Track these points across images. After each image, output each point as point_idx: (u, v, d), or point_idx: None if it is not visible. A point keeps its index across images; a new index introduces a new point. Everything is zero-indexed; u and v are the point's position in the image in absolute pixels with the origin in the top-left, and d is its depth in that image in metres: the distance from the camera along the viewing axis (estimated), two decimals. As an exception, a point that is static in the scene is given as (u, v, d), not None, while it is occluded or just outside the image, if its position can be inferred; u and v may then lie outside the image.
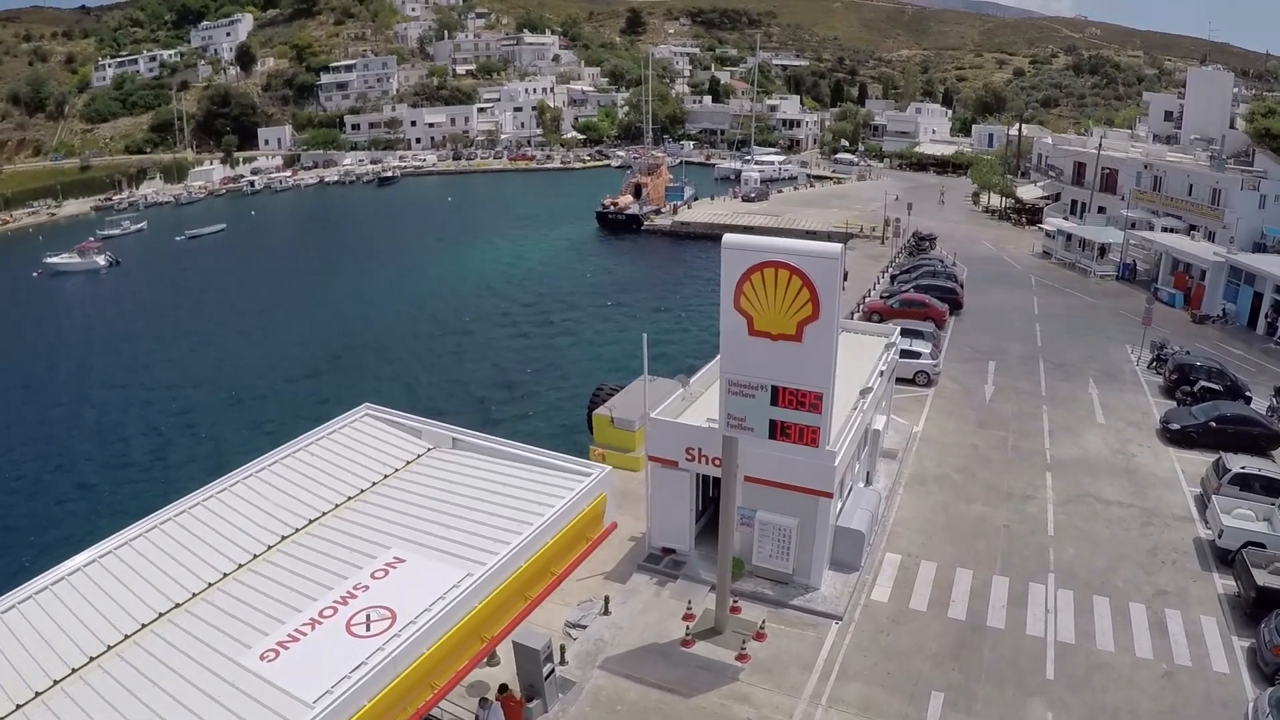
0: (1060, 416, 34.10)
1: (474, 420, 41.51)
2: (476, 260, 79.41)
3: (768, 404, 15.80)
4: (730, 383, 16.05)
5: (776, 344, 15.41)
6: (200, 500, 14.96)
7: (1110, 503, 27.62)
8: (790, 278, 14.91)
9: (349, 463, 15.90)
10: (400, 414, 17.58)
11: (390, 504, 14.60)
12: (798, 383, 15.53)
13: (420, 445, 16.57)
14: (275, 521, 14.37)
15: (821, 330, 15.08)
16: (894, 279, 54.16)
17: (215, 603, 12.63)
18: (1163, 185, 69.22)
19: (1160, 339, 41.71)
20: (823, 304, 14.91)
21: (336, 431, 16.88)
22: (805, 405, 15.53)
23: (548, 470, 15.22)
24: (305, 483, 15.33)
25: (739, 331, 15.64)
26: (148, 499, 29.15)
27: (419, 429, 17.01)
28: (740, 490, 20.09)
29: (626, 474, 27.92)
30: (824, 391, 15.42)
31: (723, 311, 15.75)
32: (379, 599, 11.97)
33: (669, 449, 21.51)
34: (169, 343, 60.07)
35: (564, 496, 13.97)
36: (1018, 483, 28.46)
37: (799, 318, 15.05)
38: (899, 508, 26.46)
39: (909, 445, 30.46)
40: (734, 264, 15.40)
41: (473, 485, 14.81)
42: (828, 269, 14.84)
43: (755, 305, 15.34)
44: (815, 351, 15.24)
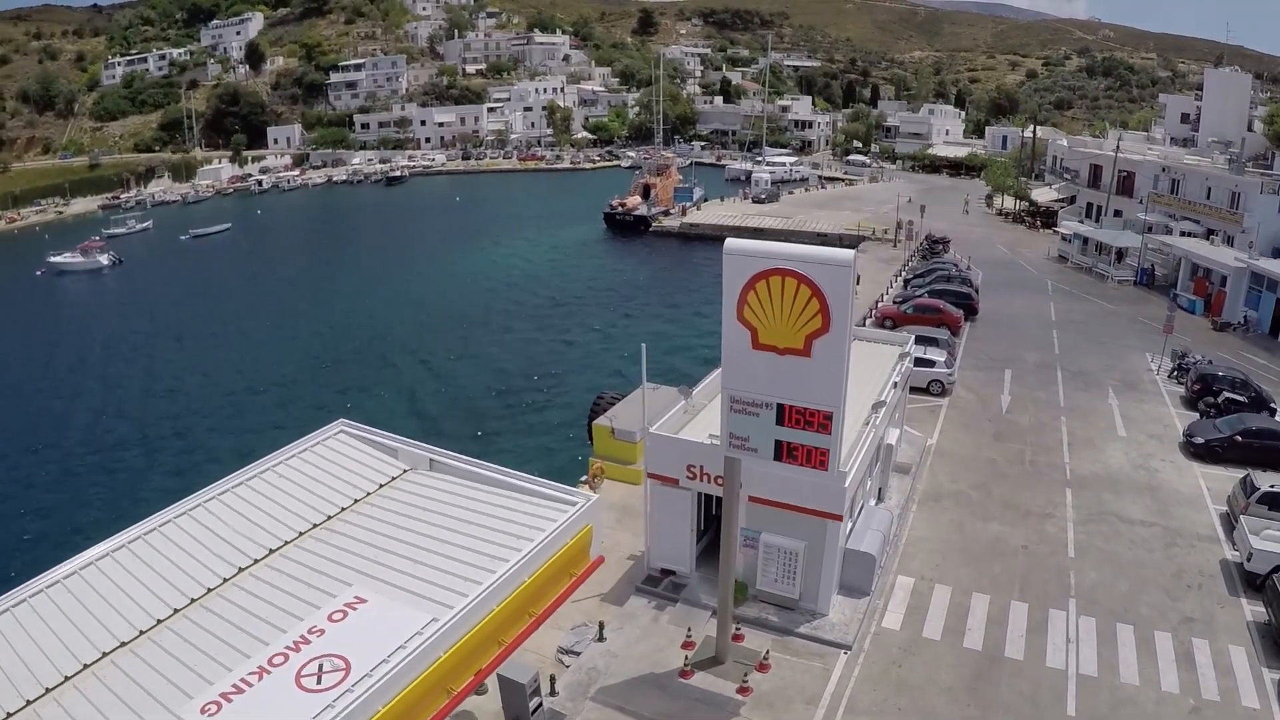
0: (1080, 428, 32.77)
1: (471, 427, 40.54)
2: (481, 262, 78.40)
3: (773, 423, 14.61)
4: (732, 399, 14.85)
5: (783, 359, 14.21)
6: (156, 526, 13.86)
7: (1133, 522, 26.30)
8: (798, 287, 13.71)
9: (318, 485, 14.77)
10: (376, 431, 16.43)
11: (357, 533, 13.45)
12: (806, 401, 14.32)
13: (395, 466, 15.42)
14: (234, 551, 13.25)
15: (832, 344, 13.87)
16: (907, 283, 52.86)
17: (162, 642, 11.52)
18: (1180, 188, 67.71)
19: (1182, 348, 40.33)
20: (834, 316, 13.70)
21: (308, 450, 15.75)
22: (814, 425, 14.33)
23: (529, 498, 14.02)
24: (270, 507, 14.20)
25: (742, 344, 14.44)
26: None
27: (395, 448, 15.87)
28: (744, 511, 18.90)
29: (627, 487, 26.83)
30: (834, 411, 14.22)
31: (725, 322, 14.56)
32: (334, 645, 10.80)
33: (669, 466, 20.29)
34: (161, 346, 59.13)
35: (545, 529, 12.75)
36: (1036, 500, 27.16)
37: (807, 330, 13.85)
38: (912, 526, 25.19)
39: (923, 459, 29.18)
40: (737, 271, 14.20)
41: (446, 514, 13.64)
42: (839, 277, 13.63)
43: (760, 316, 14.13)
44: (825, 368, 14.02)
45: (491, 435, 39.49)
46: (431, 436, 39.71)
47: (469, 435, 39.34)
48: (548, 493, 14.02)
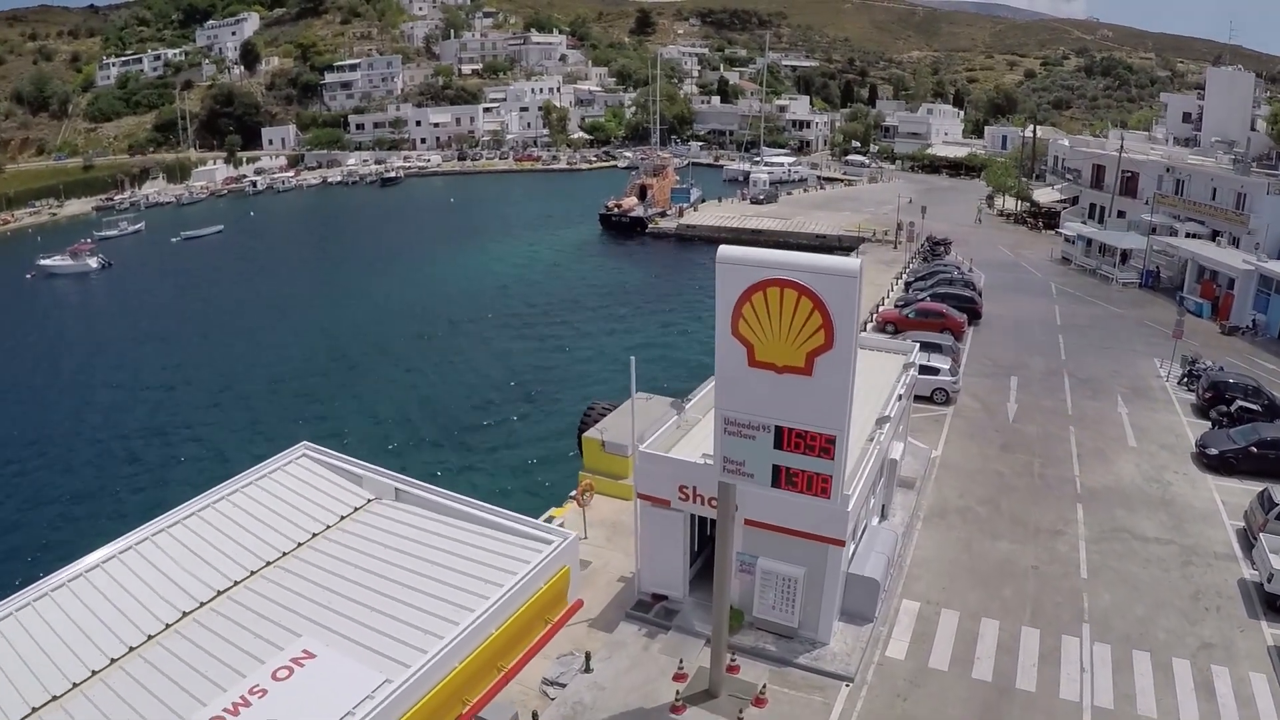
0: (1089, 439, 31.62)
1: (458, 438, 39.20)
2: (473, 265, 77.06)
3: (770, 446, 13.44)
4: (727, 421, 13.69)
5: (782, 377, 13.03)
6: (99, 563, 12.67)
7: (1147, 539, 25.15)
8: (799, 299, 12.53)
9: (274, 516, 13.60)
10: (340, 457, 15.27)
11: (313, 573, 12.29)
12: (807, 423, 13.16)
13: (359, 496, 14.26)
14: (178, 592, 12.08)
15: (836, 362, 12.70)
16: (908, 286, 51.69)
17: (97, 699, 10.33)
18: (1185, 189, 66.62)
19: (1192, 353, 39.21)
20: (838, 331, 12.52)
21: (266, 477, 14.59)
22: (815, 450, 13.18)
23: (501, 535, 12.84)
24: (221, 541, 13.04)
25: (737, 362, 13.26)
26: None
27: (359, 475, 14.70)
28: (740, 535, 17.75)
29: (618, 503, 25.64)
30: (838, 434, 13.06)
31: (718, 338, 13.38)
32: (276, 709, 9.63)
33: (660, 486, 19.07)
34: (137, 354, 57.45)
35: (517, 572, 11.57)
36: (1046, 516, 26.00)
37: (809, 347, 12.67)
38: (917, 545, 24.02)
39: (928, 472, 28.01)
40: (731, 282, 13.02)
41: (410, 552, 12.46)
42: (844, 289, 12.45)
43: (757, 331, 12.96)
44: (828, 387, 12.85)
45: (478, 447, 38.25)
46: (416, 447, 38.69)
47: (455, 446, 38.16)
48: (521, 529, 12.84)
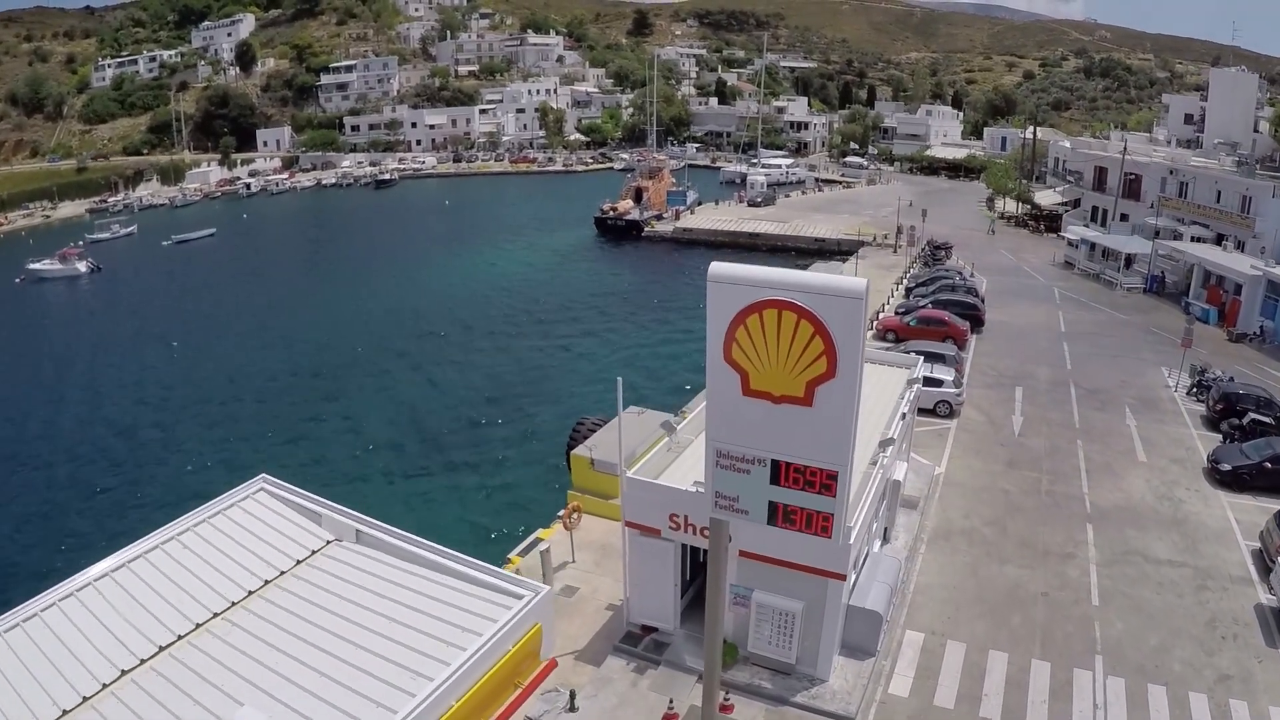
0: (1097, 453, 30.55)
1: (440, 453, 37.82)
2: (464, 270, 75.55)
3: (766, 481, 12.36)
4: (719, 453, 12.60)
5: (779, 408, 11.94)
6: (37, 611, 11.57)
7: (1160, 562, 24.08)
8: (798, 322, 11.43)
9: (226, 560, 12.54)
10: (299, 492, 14.19)
11: (262, 628, 11.23)
12: (806, 457, 12.08)
13: (317, 537, 13.19)
14: (118, 648, 11.02)
15: (839, 392, 11.60)
16: (909, 292, 50.63)
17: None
18: (1189, 191, 65.68)
19: (1201, 363, 38.18)
20: (841, 358, 11.42)
21: (221, 514, 13.53)
22: (815, 486, 12.10)
23: (467, 586, 11.77)
24: (168, 589, 11.97)
25: (730, 390, 12.17)
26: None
27: (319, 514, 13.63)
28: (734, 567, 16.67)
29: (608, 524, 24.50)
30: (840, 470, 11.98)
31: (709, 364, 12.28)
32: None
33: (649, 514, 17.93)
34: (116, 364, 55.51)
35: (483, 633, 10.51)
36: (1055, 537, 24.91)
37: (809, 375, 11.58)
38: (921, 570, 22.92)
39: (931, 491, 26.92)
40: (723, 302, 11.92)
41: (367, 606, 11.39)
42: (848, 312, 11.34)
43: (751, 357, 11.87)
44: (830, 419, 11.76)
45: (462, 462, 36.81)
46: (398, 462, 37.35)
47: (437, 462, 36.82)
48: (490, 580, 11.77)
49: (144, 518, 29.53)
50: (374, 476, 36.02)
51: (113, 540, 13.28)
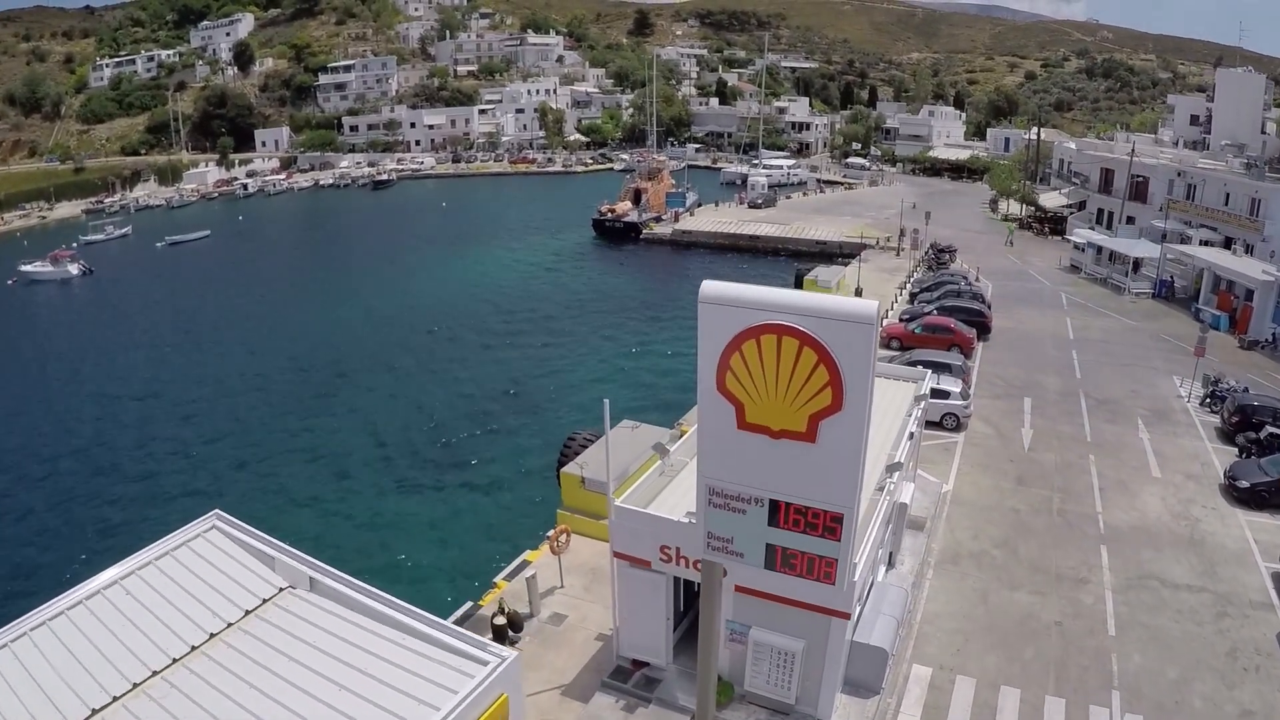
0: (1110, 469, 29.40)
1: (422, 468, 36.33)
2: (457, 275, 73.93)
3: (764, 523, 11.25)
4: (712, 491, 11.48)
5: (778, 444, 10.81)
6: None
7: (1178, 587, 22.95)
8: (800, 350, 10.29)
9: (168, 609, 11.41)
10: (253, 533, 13.03)
11: (202, 691, 10.05)
12: (809, 498, 10.95)
13: (269, 584, 12.06)
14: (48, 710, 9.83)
15: (845, 427, 10.46)
16: (913, 297, 49.47)
17: None
18: (1196, 194, 64.57)
19: (1214, 373, 37.00)
20: (849, 390, 10.27)
21: (168, 555, 12.39)
22: (818, 529, 10.98)
23: (427, 649, 10.61)
24: (106, 641, 10.85)
25: (724, 422, 11.04)
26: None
27: (272, 558, 12.48)
28: (730, 602, 15.54)
29: (599, 546, 23.36)
30: (846, 512, 10.86)
31: (701, 394, 11.15)
32: None
33: (639, 546, 16.74)
34: (96, 372, 53.44)
35: (441, 707, 9.35)
36: (1068, 560, 23.77)
37: (812, 408, 10.44)
38: (928, 597, 21.77)
39: (938, 510, 25.75)
40: (716, 326, 10.78)
41: (316, 669, 10.23)
42: (857, 339, 10.20)
43: (748, 388, 10.74)
44: (835, 456, 10.63)
45: (447, 477, 35.35)
46: (378, 475, 35.79)
47: (421, 477, 35.25)
48: (452, 643, 10.62)
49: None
50: (358, 491, 34.76)
51: (50, 589, 12.11)
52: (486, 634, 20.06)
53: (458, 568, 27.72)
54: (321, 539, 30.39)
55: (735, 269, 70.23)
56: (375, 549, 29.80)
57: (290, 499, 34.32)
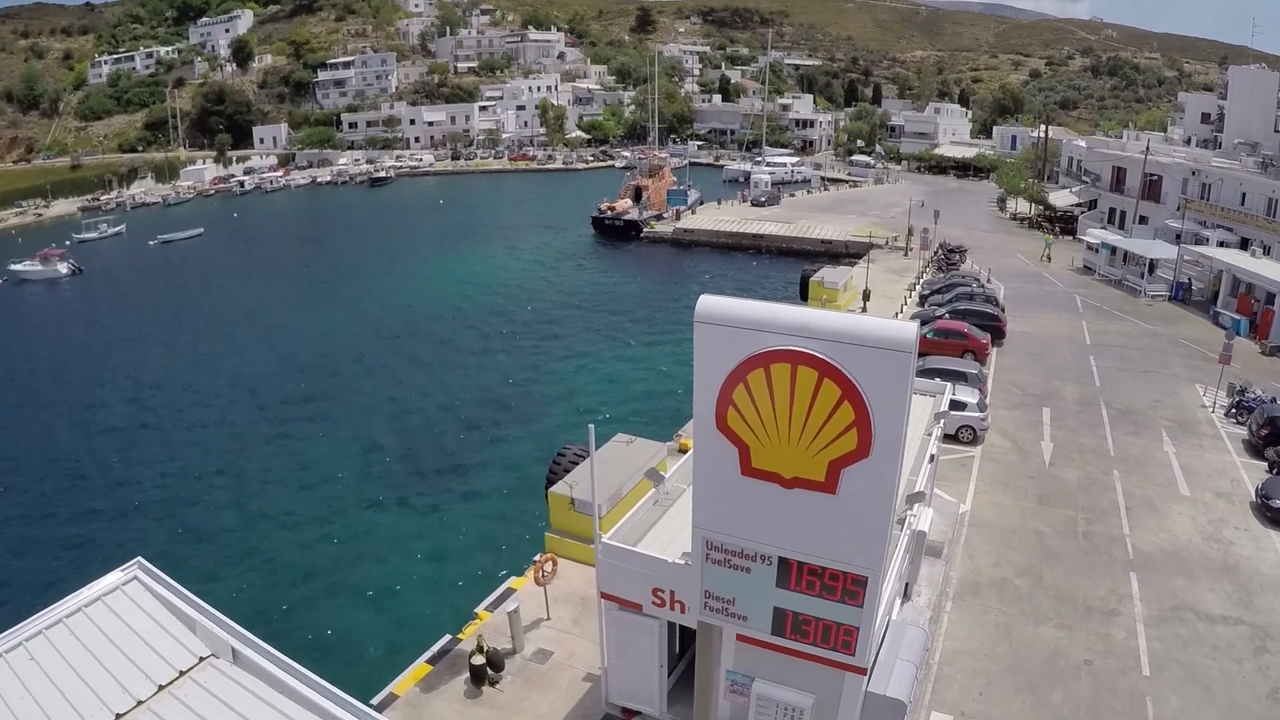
0: (1136, 486, 27.66)
1: (402, 484, 34.18)
2: (450, 275, 71.78)
3: (771, 583, 9.58)
4: (710, 545, 9.78)
5: (791, 494, 9.08)
6: None
7: (1213, 619, 21.24)
8: (819, 382, 8.48)
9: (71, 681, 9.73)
10: (176, 588, 11.35)
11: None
12: (826, 556, 9.23)
13: (189, 652, 10.40)
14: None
15: (874, 476, 8.68)
16: (924, 299, 47.70)
17: None
18: (1211, 193, 62.91)
19: (1240, 382, 35.24)
20: (879, 431, 8.44)
21: (80, 613, 10.74)
22: (836, 592, 9.30)
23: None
24: None
25: (724, 467, 9.30)
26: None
27: (194, 621, 10.80)
28: (731, 651, 13.81)
29: (591, 572, 21.64)
30: (871, 574, 9.15)
31: (697, 431, 9.41)
32: None
33: (629, 587, 14.81)
34: (66, 382, 50.43)
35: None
36: (1096, 589, 22.04)
37: (834, 453, 8.67)
38: (947, 633, 20.05)
39: (956, 534, 24.01)
40: (717, 351, 9.00)
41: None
42: (892, 370, 8.34)
43: (754, 427, 9.00)
44: (860, 510, 8.86)
45: (430, 493, 33.20)
46: (358, 488, 33.78)
47: (402, 491, 33.19)
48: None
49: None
50: (335, 505, 32.96)
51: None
52: (464, 673, 18.43)
53: (436, 594, 25.93)
54: (296, 557, 28.82)
55: (738, 269, 68.48)
56: (348, 569, 28.02)
57: (263, 515, 32.46)
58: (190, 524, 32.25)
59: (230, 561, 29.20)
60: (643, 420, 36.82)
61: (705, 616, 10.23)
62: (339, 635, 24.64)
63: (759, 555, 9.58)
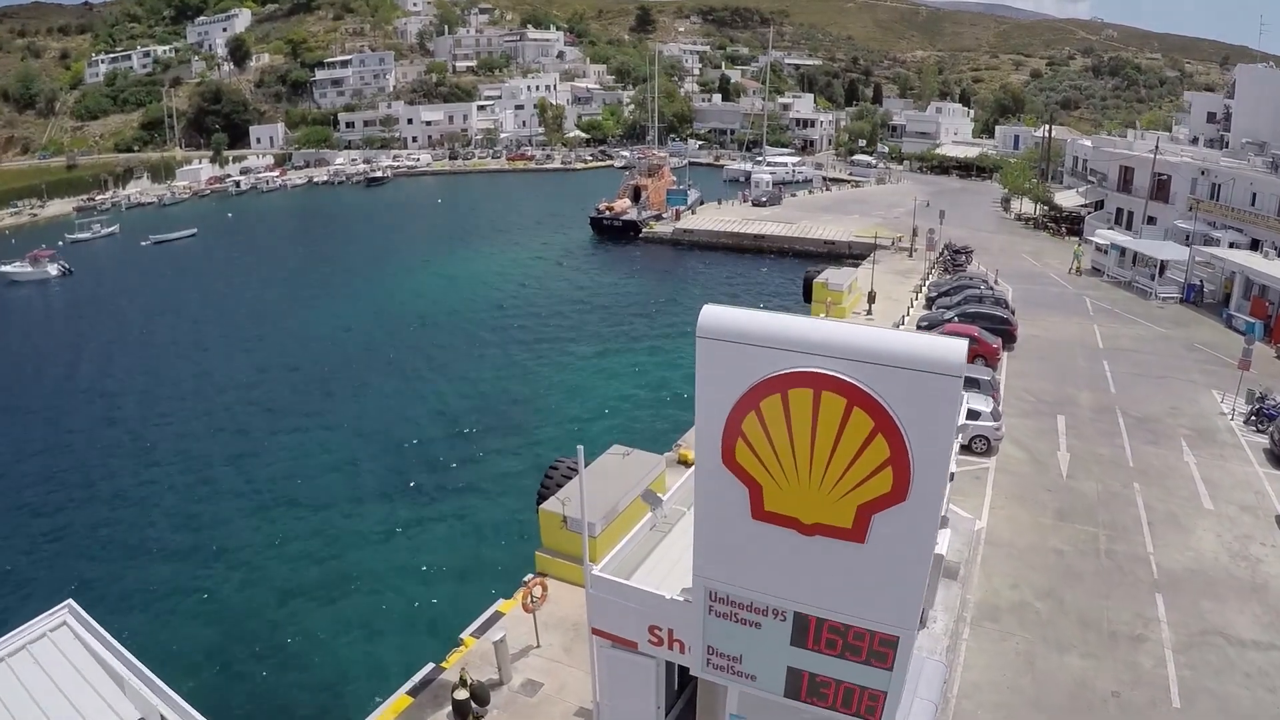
0: (1158, 499, 26.39)
1: (388, 496, 32.54)
2: (443, 276, 70.28)
3: (785, 641, 8.32)
4: (714, 597, 8.52)
5: (811, 541, 7.79)
6: None
7: (1244, 644, 19.98)
8: (849, 411, 7.08)
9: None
10: (107, 640, 10.08)
11: None
12: (850, 613, 7.94)
13: (114, 716, 9.11)
14: None
15: (911, 523, 7.30)
16: (931, 302, 46.42)
17: None
18: (1220, 193, 61.76)
19: (1261, 388, 33.95)
20: (919, 471, 7.01)
21: (2, 663, 9.43)
22: (862, 654, 8.03)
23: None
24: None
25: (732, 508, 7.98)
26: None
27: (122, 678, 9.54)
28: (735, 695, 12.55)
29: (583, 594, 20.42)
30: (903, 635, 7.90)
31: (699, 466, 8.12)
32: None
33: (623, 624, 13.41)
34: (39, 390, 48.65)
35: None
36: (1122, 613, 20.77)
37: (863, 496, 7.30)
38: (965, 662, 18.78)
39: (972, 553, 22.73)
40: (725, 372, 7.66)
41: None
42: (937, 398, 6.93)
43: (769, 463, 7.68)
44: (893, 562, 7.54)
45: (413, 507, 31.59)
46: (340, 495, 32.32)
47: (384, 509, 31.48)
48: None
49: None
50: (314, 515, 31.62)
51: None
52: (446, 707, 17.17)
53: (419, 616, 24.53)
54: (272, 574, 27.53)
55: (739, 270, 67.18)
56: (326, 588, 26.57)
57: (237, 530, 30.98)
58: (153, 541, 30.63)
59: (200, 580, 27.68)
60: (640, 425, 35.59)
61: (708, 674, 8.98)
62: (314, 660, 23.28)
63: (771, 610, 8.30)
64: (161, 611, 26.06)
